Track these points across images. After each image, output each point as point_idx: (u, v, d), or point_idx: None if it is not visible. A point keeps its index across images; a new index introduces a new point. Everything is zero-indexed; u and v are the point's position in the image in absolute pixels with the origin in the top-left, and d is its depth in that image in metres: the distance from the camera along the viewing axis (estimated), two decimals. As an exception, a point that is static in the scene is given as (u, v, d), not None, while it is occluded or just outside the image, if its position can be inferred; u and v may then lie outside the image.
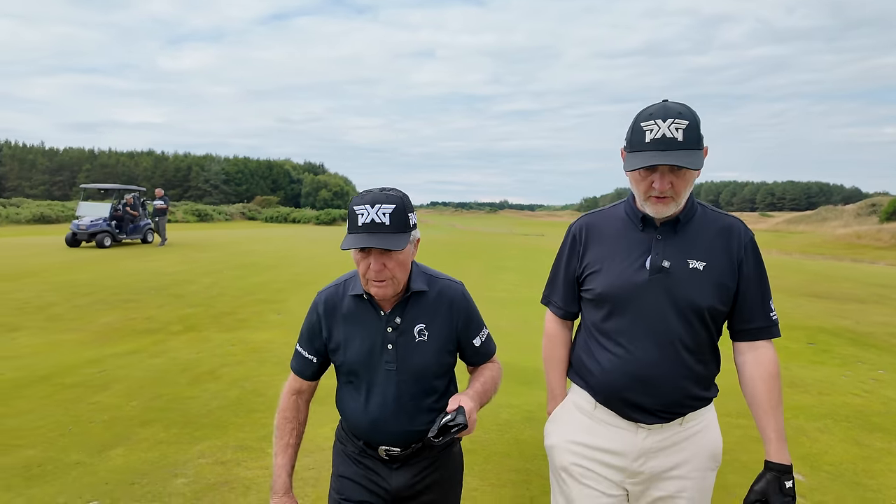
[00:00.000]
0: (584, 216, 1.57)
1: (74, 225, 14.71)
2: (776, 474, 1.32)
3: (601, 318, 1.45)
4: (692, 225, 1.41)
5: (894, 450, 3.31)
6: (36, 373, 4.41)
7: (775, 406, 1.36)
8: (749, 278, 1.39)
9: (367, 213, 1.33)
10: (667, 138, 1.29)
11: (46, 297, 7.50)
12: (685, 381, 1.38)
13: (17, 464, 2.90)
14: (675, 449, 1.40)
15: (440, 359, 1.47)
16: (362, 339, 1.45)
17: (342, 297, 1.49)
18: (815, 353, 5.96)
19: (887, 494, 2.75)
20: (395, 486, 1.47)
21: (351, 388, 1.50)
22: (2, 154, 79.38)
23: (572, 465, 1.46)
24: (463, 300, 1.51)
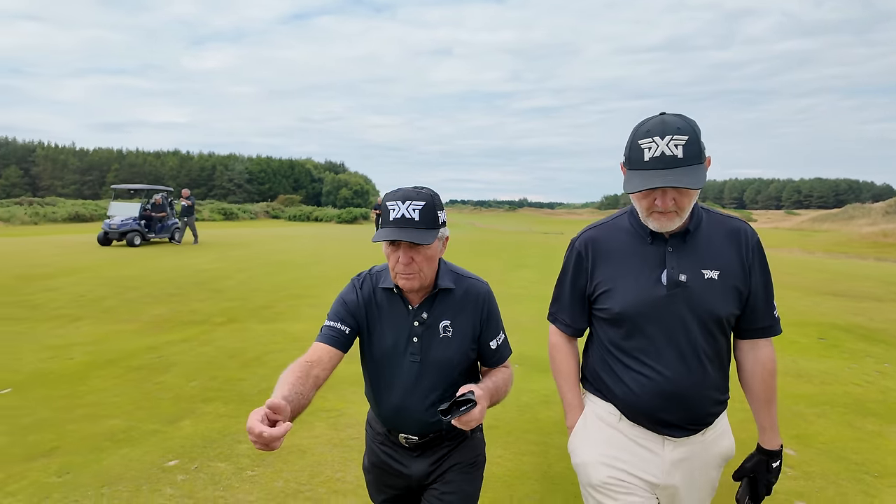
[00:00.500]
0: (585, 231, 1.55)
1: (106, 224, 15.22)
2: (765, 458, 1.46)
3: (621, 337, 1.44)
4: (700, 233, 1.40)
5: (884, 432, 3.60)
6: (104, 357, 4.93)
7: (770, 400, 1.45)
8: (757, 281, 1.41)
9: (399, 208, 1.40)
10: (666, 156, 1.26)
11: (99, 291, 8.11)
12: (711, 391, 1.40)
13: (105, 431, 3.38)
14: (698, 457, 1.43)
15: (462, 354, 1.52)
16: (390, 331, 1.52)
17: (374, 287, 1.56)
18: (825, 348, 6.19)
19: (870, 467, 3.06)
20: (416, 474, 1.56)
21: (377, 377, 1.56)
22: (36, 155, 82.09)
23: (609, 479, 1.44)
24: (489, 301, 1.57)
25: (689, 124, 1.29)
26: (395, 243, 1.41)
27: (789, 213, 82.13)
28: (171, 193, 18.11)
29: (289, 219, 43.80)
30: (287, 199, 56.84)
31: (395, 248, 1.42)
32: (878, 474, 2.97)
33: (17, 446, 3.14)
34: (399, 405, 1.51)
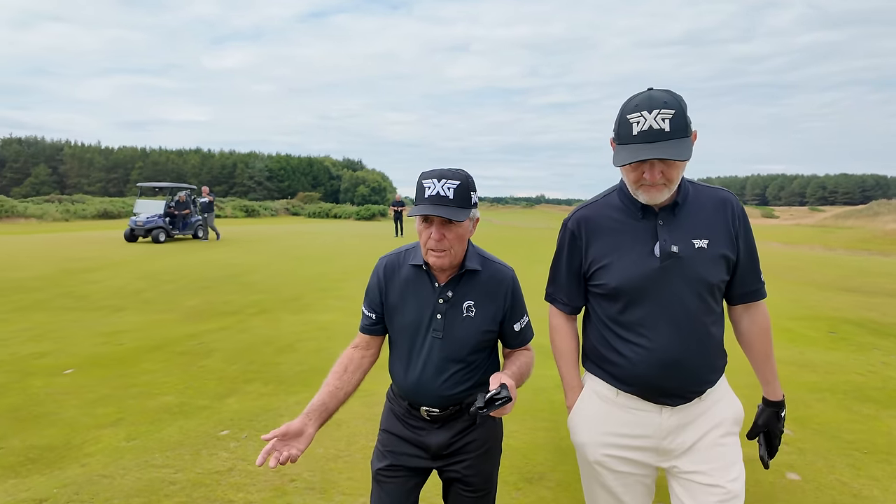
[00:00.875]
0: (577, 210, 1.58)
1: (132, 221, 15.76)
2: (773, 409, 1.54)
3: (618, 311, 1.47)
4: (688, 205, 1.45)
5: (879, 416, 3.82)
6: (150, 343, 5.36)
7: (769, 355, 1.53)
8: (744, 248, 1.46)
9: (434, 186, 1.45)
10: (654, 130, 1.29)
11: (136, 284, 8.60)
12: (708, 358, 1.44)
13: (161, 406, 3.77)
14: (700, 421, 1.44)
15: (482, 335, 1.56)
16: (415, 306, 1.57)
17: (402, 264, 1.61)
18: (833, 341, 6.35)
19: (860, 445, 3.29)
20: (435, 444, 1.60)
21: (400, 350, 1.62)
22: (63, 153, 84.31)
23: (606, 458, 1.49)
24: (512, 285, 1.61)
25: (676, 99, 1.32)
26: (428, 220, 1.46)
27: (813, 210, 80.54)
28: (193, 191, 18.60)
29: (308, 216, 44.50)
30: (306, 197, 57.64)
31: (427, 225, 1.47)
32: (868, 451, 3.21)
33: (87, 417, 3.54)
34: (420, 379, 1.56)
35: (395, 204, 21.97)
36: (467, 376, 1.56)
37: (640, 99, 1.33)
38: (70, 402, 3.78)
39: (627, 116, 1.33)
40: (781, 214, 74.27)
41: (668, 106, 1.29)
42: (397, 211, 21.23)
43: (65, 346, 5.16)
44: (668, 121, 1.28)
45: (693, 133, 1.34)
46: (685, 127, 1.30)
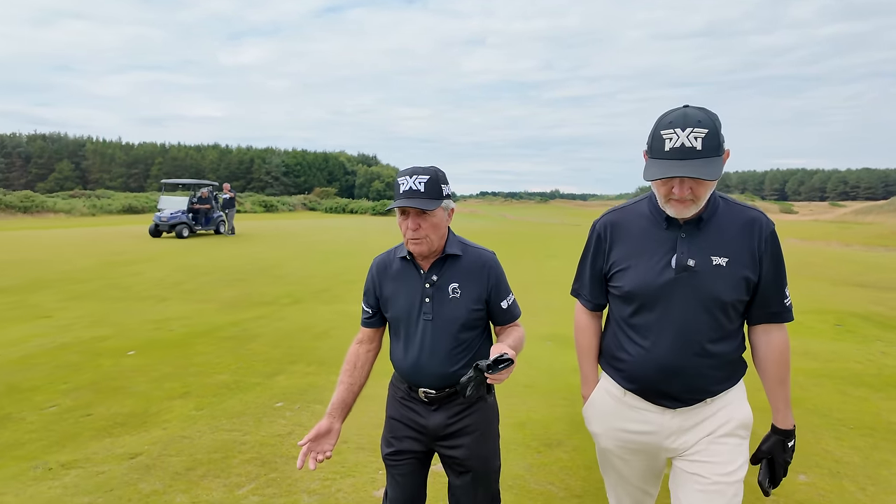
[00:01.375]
0: (607, 213, 1.65)
1: (157, 217, 16.07)
2: (781, 438, 1.52)
3: (629, 314, 1.54)
4: (715, 221, 1.46)
5: (870, 398, 4.15)
6: (197, 329, 5.86)
7: (783, 381, 1.52)
8: (769, 270, 1.45)
9: (407, 182, 1.62)
10: (686, 148, 1.32)
11: (175, 276, 9.16)
12: (708, 370, 1.46)
13: (218, 383, 4.25)
14: (703, 425, 1.49)
15: (470, 314, 1.68)
16: (406, 294, 1.72)
17: (392, 260, 1.78)
18: (839, 333, 6.64)
19: (848, 422, 3.64)
20: (433, 425, 1.70)
21: (397, 337, 1.77)
22: (85, 149, 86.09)
23: (616, 447, 1.61)
24: (493, 266, 1.74)
25: (710, 118, 1.34)
26: (405, 212, 1.63)
27: (834, 205, 79.21)
28: (215, 188, 18.99)
29: (325, 211, 45.16)
30: (323, 192, 58.38)
31: (405, 217, 1.64)
32: (854, 427, 3.56)
33: (157, 391, 4.03)
34: (417, 361, 1.69)
35: None
36: (461, 355, 1.68)
37: (675, 116, 1.36)
38: (139, 379, 4.28)
39: (661, 132, 1.36)
40: (801, 210, 73.16)
41: (702, 125, 1.32)
42: None
43: (122, 332, 5.68)
44: (701, 139, 1.31)
45: (726, 152, 1.37)
46: (717, 146, 1.33)
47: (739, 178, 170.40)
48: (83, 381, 4.20)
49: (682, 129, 1.32)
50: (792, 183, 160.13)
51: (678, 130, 1.33)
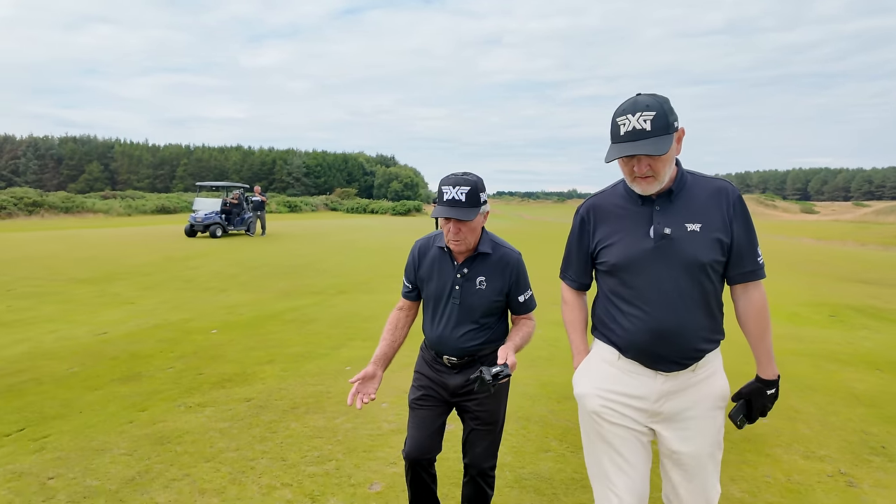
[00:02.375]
0: (588, 199, 1.80)
1: (192, 218, 16.91)
2: (762, 385, 1.66)
3: (618, 285, 1.67)
4: (685, 193, 1.61)
5: (840, 371, 4.89)
6: (262, 314, 6.82)
7: (763, 335, 1.65)
8: (739, 231, 1.60)
9: (450, 192, 1.85)
10: (637, 130, 1.49)
11: (229, 270, 10.19)
12: (697, 330, 1.59)
13: (294, 353, 5.17)
14: (689, 392, 1.62)
15: (491, 304, 1.99)
16: (439, 279, 2.02)
17: (431, 246, 2.07)
18: (830, 322, 7.33)
19: (816, 387, 4.40)
20: (453, 384, 2.05)
21: (429, 311, 2.09)
22: (114, 151, 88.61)
23: (602, 408, 1.68)
24: (517, 265, 2.01)
25: (658, 102, 1.51)
26: (448, 218, 1.86)
27: (858, 205, 77.92)
28: (246, 190, 19.88)
29: (346, 211, 46.35)
30: (344, 192, 59.64)
31: (447, 221, 1.87)
32: (817, 390, 4.33)
33: (247, 358, 4.97)
34: (442, 334, 2.01)
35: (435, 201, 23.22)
36: (479, 335, 2.00)
37: (628, 104, 1.53)
38: (229, 350, 5.23)
39: (616, 119, 1.54)
40: (822, 210, 72.29)
41: (650, 109, 1.49)
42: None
43: (200, 315, 6.66)
44: (650, 121, 1.48)
45: (680, 130, 1.55)
46: (666, 125, 1.49)
47: (760, 178, 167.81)
48: (185, 351, 5.16)
49: (632, 115, 1.50)
50: (815, 182, 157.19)
51: (629, 116, 1.51)
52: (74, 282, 8.73)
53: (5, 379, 4.26)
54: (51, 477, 2.76)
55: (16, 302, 7.19)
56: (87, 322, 6.20)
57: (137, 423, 3.46)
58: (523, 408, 3.82)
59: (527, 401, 3.96)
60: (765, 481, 2.85)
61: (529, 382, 4.37)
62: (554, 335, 5.85)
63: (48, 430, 3.33)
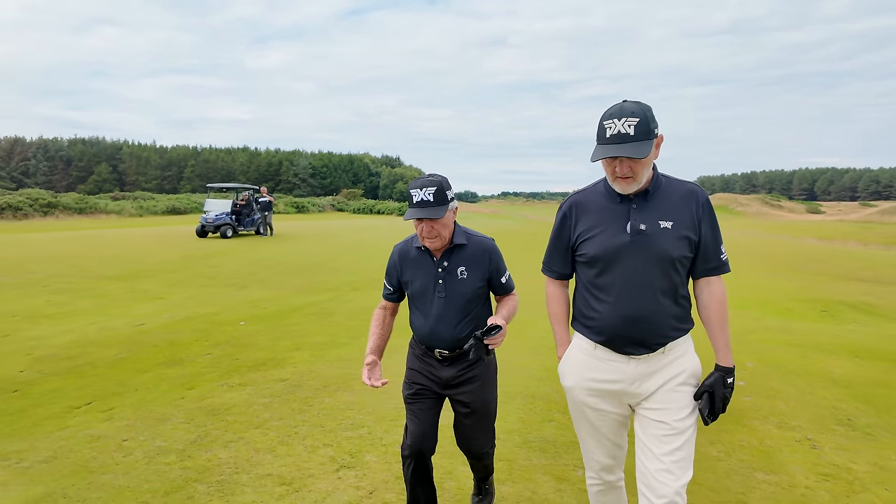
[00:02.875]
0: (571, 196, 1.93)
1: (203, 219, 17.22)
2: (722, 374, 1.74)
3: (594, 276, 1.80)
4: (659, 194, 1.75)
5: (823, 358, 5.28)
6: (283, 308, 7.28)
7: (723, 325, 1.78)
8: (706, 231, 1.75)
9: (419, 194, 1.97)
10: (621, 133, 1.62)
11: (247, 268, 10.67)
12: (664, 317, 1.74)
13: (319, 342, 5.62)
14: (662, 372, 1.76)
15: (475, 290, 2.10)
16: (422, 277, 2.12)
17: (409, 248, 2.17)
18: (821, 317, 7.71)
19: (798, 372, 4.80)
20: (445, 377, 2.14)
21: (416, 309, 2.18)
22: (122, 152, 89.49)
23: (587, 398, 1.84)
24: (492, 251, 2.14)
25: (642, 109, 1.64)
26: (420, 218, 1.99)
27: (864, 205, 77.74)
28: (255, 191, 20.10)
29: (353, 212, 46.89)
30: (350, 193, 60.22)
31: (419, 221, 2.02)
32: (798, 374, 4.74)
33: (276, 346, 5.42)
34: (433, 329, 2.11)
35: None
36: (467, 323, 2.11)
37: (615, 109, 1.66)
38: (259, 339, 5.68)
39: (603, 122, 1.67)
40: (829, 210, 72.26)
41: (634, 115, 1.62)
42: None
43: (225, 309, 7.13)
44: (633, 126, 1.61)
45: (659, 136, 1.69)
46: (648, 131, 1.63)
47: (766, 178, 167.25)
48: (219, 339, 5.63)
49: (618, 119, 1.63)
50: (821, 182, 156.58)
51: (615, 120, 1.64)
52: (104, 279, 9.23)
53: (64, 363, 4.74)
54: (125, 440, 3.22)
55: (53, 297, 7.68)
56: (122, 315, 6.68)
57: (188, 399, 3.91)
58: (530, 387, 4.25)
59: (533, 381, 4.39)
60: (739, 444, 3.27)
61: (535, 367, 4.80)
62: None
63: (112, 404, 3.80)
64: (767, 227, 34.05)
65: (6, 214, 27.39)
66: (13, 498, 2.56)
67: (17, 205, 28.18)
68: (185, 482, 2.73)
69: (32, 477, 2.77)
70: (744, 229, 31.42)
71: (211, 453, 3.05)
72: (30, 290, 8.12)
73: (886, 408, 3.92)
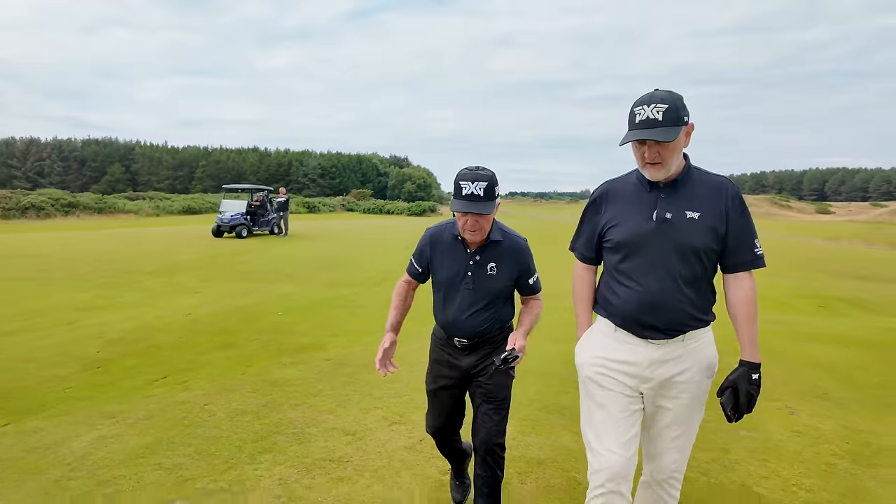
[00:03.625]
0: (603, 183, 1.96)
1: (219, 219, 17.46)
2: (747, 369, 1.75)
3: (619, 261, 1.85)
4: (688, 184, 1.78)
5: (811, 345, 5.78)
6: (315, 300, 7.88)
7: (751, 321, 1.78)
8: (736, 222, 1.75)
9: (469, 187, 1.98)
10: (650, 119, 1.67)
11: (273, 265, 11.30)
12: (684, 306, 1.76)
13: (354, 329, 6.20)
14: (679, 360, 1.78)
15: (502, 288, 2.15)
16: (452, 266, 2.16)
17: (443, 234, 2.20)
18: (817, 311, 8.20)
19: (786, 356, 5.31)
20: (465, 365, 2.21)
21: (440, 295, 2.24)
22: (135, 153, 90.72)
23: (596, 374, 1.86)
24: (525, 251, 2.17)
25: (672, 96, 1.69)
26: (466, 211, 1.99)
27: (876, 205, 77.18)
28: (270, 192, 20.40)
29: (363, 212, 47.57)
30: (359, 193, 60.92)
31: (464, 214, 2.00)
32: (787, 358, 5.25)
33: (316, 333, 6.01)
34: (455, 318, 2.16)
35: None
36: (489, 317, 2.17)
37: (646, 96, 1.71)
38: (298, 327, 6.28)
39: (634, 109, 1.72)
40: (839, 210, 71.88)
41: (664, 101, 1.67)
42: None
43: (262, 301, 7.74)
44: (662, 112, 1.65)
45: (689, 125, 1.72)
46: (677, 118, 1.67)
47: (776, 178, 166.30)
48: (263, 327, 6.23)
49: (647, 105, 1.68)
50: (832, 182, 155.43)
51: (645, 106, 1.69)
52: (143, 274, 9.88)
53: (133, 345, 5.36)
54: (205, 404, 3.81)
55: (101, 291, 8.33)
56: (169, 306, 7.30)
57: (250, 374, 4.51)
58: (546, 368, 4.81)
59: (549, 363, 4.95)
60: (728, 411, 3.81)
61: (552, 351, 5.35)
62: (570, 318, 6.82)
63: (186, 378, 4.40)
64: (775, 228, 34.27)
65: (30, 214, 28.34)
66: (132, 444, 3.16)
67: (40, 204, 29.11)
68: (266, 433, 3.33)
69: (140, 429, 3.37)
70: (751, 229, 31.63)
71: (281, 414, 3.64)
72: (78, 284, 8.77)
73: (862, 385, 4.45)
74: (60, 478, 2.78)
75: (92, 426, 3.40)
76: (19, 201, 28.76)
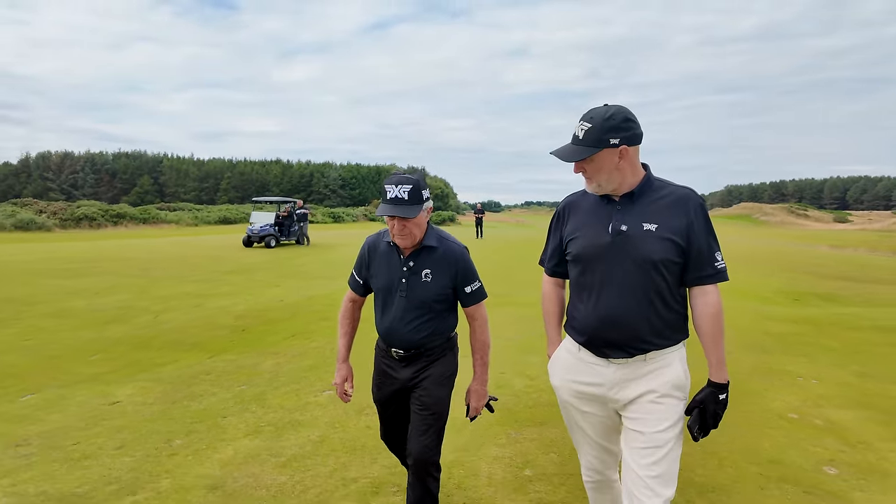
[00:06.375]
0: (568, 196, 1.99)
1: (249, 230, 18.09)
2: (714, 390, 1.75)
3: (578, 274, 1.86)
4: (646, 196, 1.78)
5: (769, 324, 7.35)
6: (374, 292, 9.66)
7: (717, 339, 1.75)
8: (698, 235, 1.73)
9: (393, 190, 2.01)
10: (576, 137, 1.74)
11: (324, 266, 13.18)
12: (644, 322, 1.73)
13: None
14: (642, 381, 1.76)
15: (437, 295, 2.15)
16: (387, 273, 2.20)
17: (380, 242, 2.24)
18: (791, 304, 9.66)
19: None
20: (403, 377, 2.24)
21: (378, 304, 2.28)
22: (163, 165, 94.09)
23: (572, 398, 1.91)
24: (461, 258, 2.16)
25: (601, 114, 1.72)
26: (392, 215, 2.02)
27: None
28: (295, 204, 21.09)
29: (384, 221, 49.39)
30: (381, 204, 62.56)
31: (391, 218, 2.05)
32: (745, 331, 6.87)
33: (385, 313, 7.80)
34: (391, 327, 2.20)
35: (476, 211, 25.97)
36: (425, 326, 2.17)
37: (582, 114, 1.77)
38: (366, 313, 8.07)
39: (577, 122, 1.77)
40: (858, 219, 71.51)
41: (588, 120, 1.72)
42: (478, 217, 25.24)
43: (332, 292, 9.48)
44: (584, 131, 1.72)
45: (620, 147, 1.71)
46: (597, 140, 1.70)
47: (796, 187, 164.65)
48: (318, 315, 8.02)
49: (578, 122, 1.79)
50: (854, 191, 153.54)
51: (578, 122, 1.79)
52: (223, 273, 11.80)
53: (256, 317, 7.21)
54: (334, 349, 5.61)
55: (199, 285, 10.22)
56: (262, 295, 9.16)
57: (351, 336, 6.31)
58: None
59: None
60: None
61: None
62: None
63: (310, 335, 6.22)
64: (787, 237, 35.14)
65: (83, 224, 30.86)
66: (299, 366, 4.97)
67: (92, 215, 31.65)
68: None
69: (299, 359, 5.17)
70: (761, 238, 32.80)
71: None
72: (178, 280, 10.70)
73: (792, 344, 6.08)
74: (266, 384, 4.59)
75: (266, 357, 5.24)
76: (74, 212, 31.31)
